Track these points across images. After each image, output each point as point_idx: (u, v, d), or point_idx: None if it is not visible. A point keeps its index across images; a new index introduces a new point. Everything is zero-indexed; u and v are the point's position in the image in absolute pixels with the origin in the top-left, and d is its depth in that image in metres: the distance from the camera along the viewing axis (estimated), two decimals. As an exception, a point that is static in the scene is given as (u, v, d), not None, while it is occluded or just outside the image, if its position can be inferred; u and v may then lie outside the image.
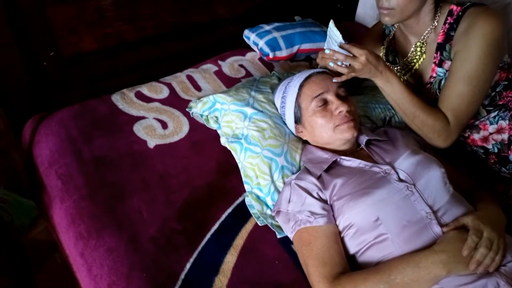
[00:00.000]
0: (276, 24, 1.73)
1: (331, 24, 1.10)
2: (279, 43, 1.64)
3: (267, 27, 1.71)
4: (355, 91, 1.46)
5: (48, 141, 1.28)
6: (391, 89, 1.06)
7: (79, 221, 1.08)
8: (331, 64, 1.03)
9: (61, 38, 1.39)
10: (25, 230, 1.49)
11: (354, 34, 1.80)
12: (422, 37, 1.12)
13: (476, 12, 1.01)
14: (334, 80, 1.07)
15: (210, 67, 1.62)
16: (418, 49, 1.13)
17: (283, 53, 1.65)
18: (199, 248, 1.06)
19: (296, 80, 1.18)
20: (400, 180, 0.99)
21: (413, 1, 1.02)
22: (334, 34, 1.09)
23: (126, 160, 1.24)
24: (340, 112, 1.07)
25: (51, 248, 1.41)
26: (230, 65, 1.63)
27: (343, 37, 1.05)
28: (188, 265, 1.02)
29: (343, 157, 1.08)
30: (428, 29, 1.10)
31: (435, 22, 1.08)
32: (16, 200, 1.44)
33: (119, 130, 1.32)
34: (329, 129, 1.09)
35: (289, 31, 1.69)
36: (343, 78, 1.05)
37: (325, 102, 1.10)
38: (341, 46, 1.05)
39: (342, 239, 0.98)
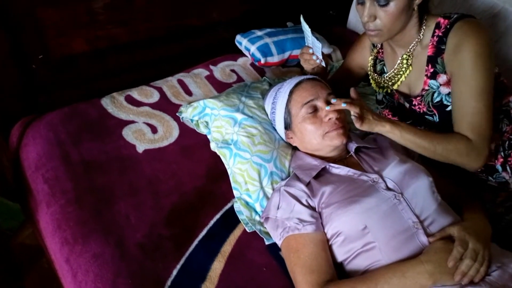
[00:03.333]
0: (268, 30, 1.73)
1: (302, 19, 1.21)
2: (270, 48, 1.65)
3: (259, 33, 1.71)
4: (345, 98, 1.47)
5: (36, 144, 1.27)
6: (399, 135, 1.02)
7: (65, 227, 1.07)
8: (344, 105, 1.01)
9: (51, 40, 1.38)
10: (13, 234, 1.48)
11: (346, 40, 1.82)
12: (408, 50, 1.12)
13: (465, 29, 1.01)
14: (327, 108, 1.05)
15: (201, 71, 1.61)
16: (405, 61, 1.14)
17: (275, 58, 1.66)
18: (187, 254, 1.05)
19: (287, 86, 1.18)
20: (388, 189, 0.99)
21: (398, 19, 1.02)
22: (306, 29, 1.19)
23: (114, 164, 1.23)
24: (329, 119, 1.08)
25: (38, 252, 1.39)
26: (221, 70, 1.63)
27: (333, 43, 1.08)
28: (175, 272, 1.01)
29: (332, 164, 1.09)
30: (414, 41, 1.10)
31: (421, 35, 1.09)
32: (3, 203, 1.42)
33: (108, 134, 1.31)
34: (319, 136, 1.09)
35: (281, 37, 1.70)
36: (336, 107, 1.03)
37: (315, 109, 1.11)
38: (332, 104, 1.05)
39: (330, 247, 0.98)
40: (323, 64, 1.27)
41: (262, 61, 1.64)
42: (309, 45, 1.28)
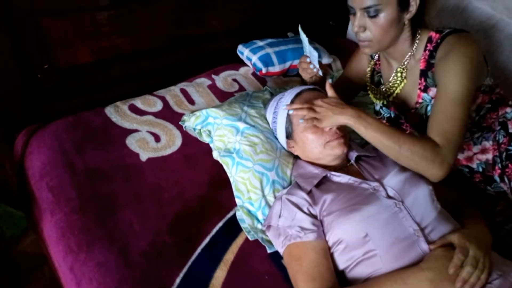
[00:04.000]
0: (269, 40, 1.76)
1: (300, 29, 1.26)
2: (272, 58, 1.67)
3: (260, 43, 1.73)
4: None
5: (40, 153, 1.28)
6: (364, 131, 1.01)
7: (69, 235, 1.08)
8: (301, 121, 1.08)
9: (56, 50, 1.40)
10: (15, 242, 1.48)
11: (346, 50, 1.84)
12: (402, 63, 1.14)
13: (453, 41, 1.03)
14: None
15: (204, 81, 1.63)
16: (399, 74, 1.15)
17: (276, 68, 1.68)
18: (190, 262, 1.06)
19: (288, 96, 1.20)
20: (389, 197, 1.00)
21: (388, 31, 1.04)
22: (303, 39, 1.24)
23: (118, 173, 1.24)
24: (330, 128, 1.10)
25: (40, 261, 1.40)
26: (223, 79, 1.65)
27: (332, 53, 1.10)
28: (178, 280, 1.01)
29: (333, 172, 1.10)
30: (408, 55, 1.12)
31: (414, 49, 1.10)
32: (6, 211, 1.43)
33: (112, 142, 1.33)
34: (320, 145, 1.11)
35: (282, 47, 1.72)
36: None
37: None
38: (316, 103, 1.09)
39: (331, 255, 0.99)
40: (320, 73, 1.29)
41: (264, 71, 1.66)
42: (307, 54, 1.31)
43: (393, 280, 0.87)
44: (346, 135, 1.14)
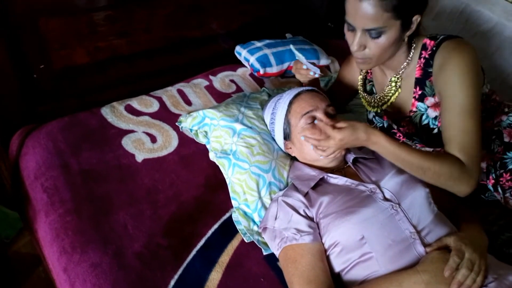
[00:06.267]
0: (267, 41, 1.75)
1: (292, 48, 1.30)
2: (269, 59, 1.67)
3: (258, 44, 1.73)
4: (343, 109, 1.49)
5: (35, 154, 1.27)
6: (384, 151, 0.99)
7: (63, 236, 1.07)
8: (311, 147, 1.05)
9: (52, 50, 1.40)
10: (10, 243, 1.47)
11: (344, 52, 1.83)
12: (397, 72, 1.12)
13: (449, 49, 1.01)
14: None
15: (201, 81, 1.63)
16: (393, 84, 1.14)
17: (274, 69, 1.68)
18: (184, 264, 1.05)
19: (286, 97, 1.20)
20: (385, 199, 1.00)
21: (388, 50, 1.01)
22: (299, 57, 1.26)
23: (113, 173, 1.23)
24: None
25: (35, 261, 1.39)
26: (221, 80, 1.65)
27: (331, 54, 1.09)
28: (172, 282, 1.01)
29: (330, 174, 1.09)
30: (404, 64, 1.10)
31: (410, 57, 1.08)
32: (1, 211, 1.42)
33: (108, 143, 1.32)
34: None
35: (280, 48, 1.72)
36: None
37: (314, 120, 1.12)
38: (320, 119, 1.08)
39: (327, 257, 0.99)
40: (314, 74, 1.29)
41: (261, 72, 1.66)
42: (298, 59, 1.32)
43: (389, 283, 0.87)
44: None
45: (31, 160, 1.27)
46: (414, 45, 1.07)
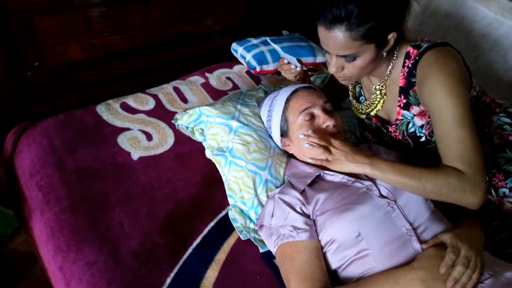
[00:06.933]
0: (264, 38, 1.75)
1: (268, 39, 1.31)
2: (266, 57, 1.66)
3: (254, 41, 1.73)
4: (339, 106, 1.48)
5: (30, 152, 1.27)
6: (382, 176, 0.98)
7: (58, 234, 1.07)
8: (306, 145, 1.04)
9: (47, 48, 1.39)
10: (6, 241, 1.47)
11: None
12: (382, 79, 1.11)
13: (430, 61, 0.99)
14: (301, 136, 1.08)
15: (197, 79, 1.62)
16: (378, 92, 1.14)
17: (270, 66, 1.67)
18: (181, 262, 1.05)
19: (283, 94, 1.19)
20: (382, 196, 1.00)
21: (367, 68, 1.02)
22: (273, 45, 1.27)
23: (109, 172, 1.23)
24: (327, 126, 1.09)
25: (31, 259, 1.39)
26: (217, 78, 1.64)
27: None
28: (168, 280, 1.01)
29: (326, 171, 1.09)
30: (387, 72, 1.09)
31: (391, 66, 1.07)
32: (-3, 210, 1.42)
33: (103, 141, 1.31)
34: None
35: (277, 45, 1.71)
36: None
37: (312, 116, 1.12)
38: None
39: (324, 254, 0.99)
40: (296, 68, 1.29)
41: (258, 69, 1.65)
42: (282, 56, 1.33)
43: (385, 279, 0.87)
44: (342, 133, 1.13)
45: (26, 158, 1.26)
46: (396, 53, 1.06)
